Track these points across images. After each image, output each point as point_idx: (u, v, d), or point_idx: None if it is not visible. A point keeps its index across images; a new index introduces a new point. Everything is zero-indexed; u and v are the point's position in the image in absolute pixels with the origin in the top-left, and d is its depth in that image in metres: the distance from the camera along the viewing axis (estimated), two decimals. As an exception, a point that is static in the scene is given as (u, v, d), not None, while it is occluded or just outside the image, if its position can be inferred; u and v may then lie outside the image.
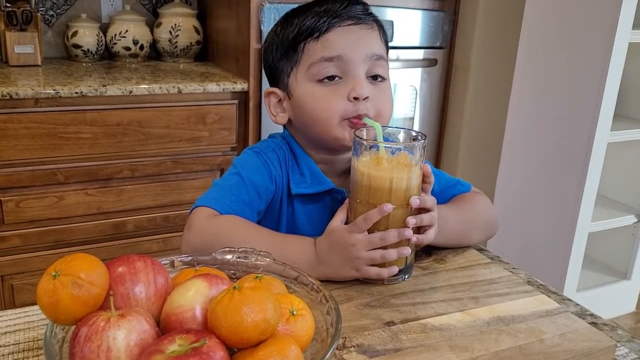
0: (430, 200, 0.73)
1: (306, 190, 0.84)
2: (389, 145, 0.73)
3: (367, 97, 0.80)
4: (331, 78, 0.80)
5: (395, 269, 0.72)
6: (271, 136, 0.91)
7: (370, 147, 0.72)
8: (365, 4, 0.85)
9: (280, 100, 0.87)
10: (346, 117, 0.80)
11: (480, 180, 2.06)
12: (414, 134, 0.76)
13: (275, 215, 0.85)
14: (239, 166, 0.83)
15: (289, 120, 0.87)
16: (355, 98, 0.79)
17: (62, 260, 0.51)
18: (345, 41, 0.80)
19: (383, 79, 0.84)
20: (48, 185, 1.61)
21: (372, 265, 0.71)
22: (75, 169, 1.63)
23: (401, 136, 0.79)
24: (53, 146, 1.58)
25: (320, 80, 0.81)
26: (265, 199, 0.83)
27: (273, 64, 0.87)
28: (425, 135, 0.73)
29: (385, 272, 0.71)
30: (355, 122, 0.80)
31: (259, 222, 0.83)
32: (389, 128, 0.79)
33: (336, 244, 0.71)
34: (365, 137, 0.74)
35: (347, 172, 0.86)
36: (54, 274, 0.49)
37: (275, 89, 0.87)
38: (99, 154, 1.64)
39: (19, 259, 1.63)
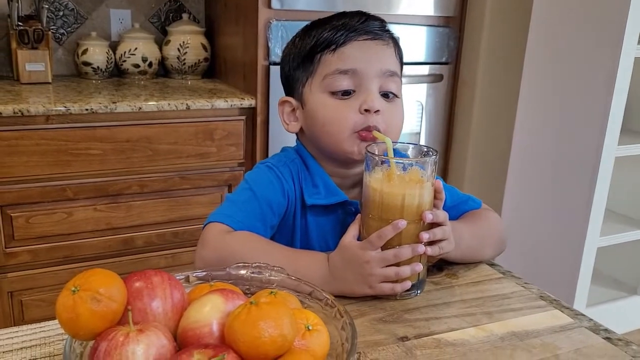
0: (442, 215, 0.74)
1: (321, 201, 0.84)
2: (401, 161, 0.73)
3: (378, 111, 0.81)
4: (345, 93, 0.82)
5: (408, 284, 0.72)
6: (284, 149, 0.92)
7: (382, 163, 0.73)
8: (382, 20, 0.87)
9: (293, 110, 0.88)
10: (356, 129, 0.81)
11: (488, 195, 2.06)
12: (425, 149, 0.77)
13: (289, 228, 0.86)
14: (251, 181, 0.84)
15: (301, 130, 0.88)
16: (366, 110, 0.80)
17: (80, 276, 0.51)
18: (360, 55, 0.82)
19: (395, 96, 0.85)
20: (57, 201, 1.62)
21: (385, 281, 0.72)
22: (85, 185, 1.64)
23: (411, 151, 0.79)
24: (63, 162, 1.59)
25: (334, 93, 0.82)
26: (277, 213, 0.83)
27: (289, 73, 0.88)
28: (436, 151, 0.74)
29: (398, 288, 0.72)
30: (364, 135, 0.81)
31: (272, 237, 0.84)
32: (399, 143, 0.80)
33: (349, 260, 0.72)
34: (377, 153, 0.74)
35: (358, 185, 0.87)
36: (73, 289, 0.49)
37: (290, 98, 0.88)
38: (108, 170, 1.65)
39: (28, 275, 1.64)
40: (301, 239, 0.86)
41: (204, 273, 0.65)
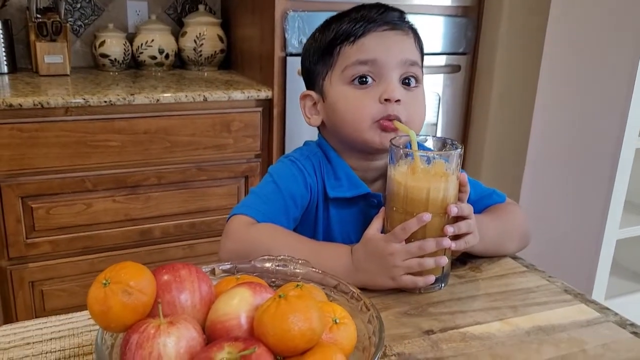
0: (467, 208, 0.73)
1: (343, 194, 0.84)
2: (426, 154, 0.73)
3: (398, 100, 0.80)
4: (364, 81, 0.82)
5: (431, 278, 0.72)
6: (306, 143, 0.92)
7: (407, 156, 0.72)
8: (401, 12, 0.86)
9: (315, 104, 0.88)
10: (377, 119, 0.81)
11: (505, 187, 2.03)
12: (449, 141, 0.76)
13: (311, 220, 0.86)
14: (274, 174, 0.84)
15: (323, 123, 0.88)
16: (386, 100, 0.80)
17: (111, 269, 0.51)
18: (380, 46, 0.82)
19: (416, 85, 0.84)
20: (77, 192, 1.64)
21: (408, 274, 0.71)
22: (103, 177, 1.65)
23: (435, 144, 0.79)
24: (82, 154, 1.60)
25: (353, 82, 0.82)
26: (300, 206, 0.84)
27: (310, 67, 0.88)
28: (461, 144, 0.73)
29: (421, 281, 0.71)
30: (386, 125, 0.80)
31: (294, 229, 0.84)
32: (422, 136, 0.79)
33: (373, 252, 0.72)
34: (401, 146, 0.74)
35: (381, 177, 0.87)
36: (104, 282, 0.50)
37: (311, 92, 0.89)
38: (126, 161, 1.66)
39: (48, 265, 1.66)
40: (323, 231, 0.86)
41: (230, 266, 0.65)
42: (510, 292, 0.75)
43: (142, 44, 1.99)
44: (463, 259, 0.83)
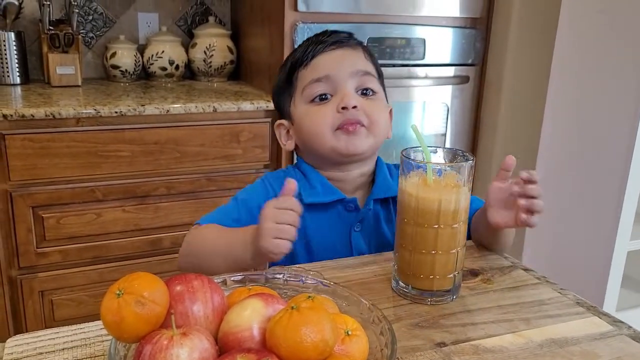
0: (536, 175, 0.78)
1: (319, 199, 0.88)
2: (439, 166, 0.73)
3: (355, 107, 0.85)
4: (323, 98, 0.88)
5: (287, 245, 0.71)
6: (287, 166, 1.00)
7: (418, 167, 0.72)
8: (350, 33, 0.94)
9: (288, 131, 0.95)
10: (335, 127, 0.86)
11: (514, 198, 2.03)
12: (459, 153, 0.76)
13: None
14: (238, 192, 0.92)
15: (297, 147, 0.95)
16: (343, 108, 0.85)
17: (124, 279, 0.52)
18: (330, 62, 0.88)
19: (374, 92, 0.90)
20: (87, 202, 1.65)
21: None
22: (114, 187, 1.66)
23: (444, 155, 0.79)
24: (93, 164, 1.61)
25: (314, 101, 0.88)
26: (256, 215, 0.85)
27: (278, 100, 0.96)
28: (473, 155, 0.73)
29: (274, 245, 0.70)
30: (346, 127, 0.85)
31: None
32: (432, 147, 0.79)
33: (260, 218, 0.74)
34: (412, 158, 0.74)
35: (360, 188, 0.92)
36: (117, 292, 0.50)
37: (283, 120, 0.95)
38: (136, 171, 1.67)
39: (59, 275, 1.66)
40: (303, 240, 0.89)
41: (241, 277, 0.65)
42: (523, 305, 0.74)
43: (152, 55, 2.01)
44: (474, 271, 0.82)
